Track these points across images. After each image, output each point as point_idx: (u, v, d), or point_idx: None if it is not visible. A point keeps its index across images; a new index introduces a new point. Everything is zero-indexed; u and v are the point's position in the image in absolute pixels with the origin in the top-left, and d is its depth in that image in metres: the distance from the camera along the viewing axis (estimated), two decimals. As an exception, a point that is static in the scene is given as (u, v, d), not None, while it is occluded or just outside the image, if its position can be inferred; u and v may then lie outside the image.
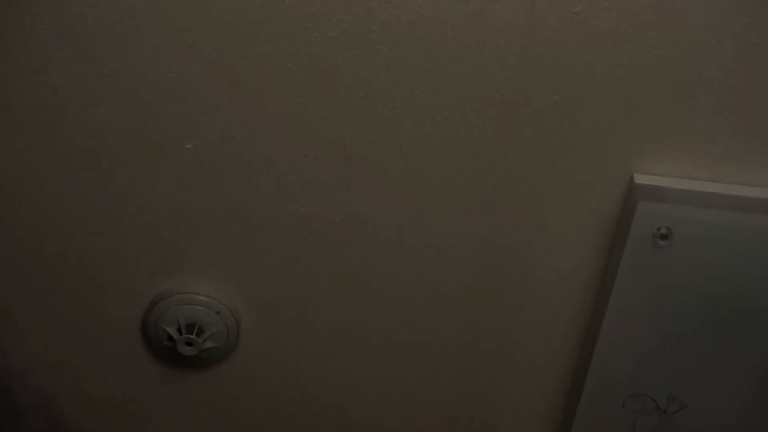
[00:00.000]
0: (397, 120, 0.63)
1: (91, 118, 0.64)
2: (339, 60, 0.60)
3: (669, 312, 0.68)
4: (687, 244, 0.64)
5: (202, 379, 0.81)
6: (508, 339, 0.76)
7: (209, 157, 0.66)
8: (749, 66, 0.58)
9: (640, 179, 0.63)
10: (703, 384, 0.72)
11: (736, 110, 0.60)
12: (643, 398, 0.74)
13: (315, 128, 0.64)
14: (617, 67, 0.59)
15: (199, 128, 0.64)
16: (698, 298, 0.67)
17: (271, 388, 0.82)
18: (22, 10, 0.59)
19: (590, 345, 0.72)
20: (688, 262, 0.65)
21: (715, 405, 0.73)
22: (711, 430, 0.75)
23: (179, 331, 0.74)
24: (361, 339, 0.77)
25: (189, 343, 0.74)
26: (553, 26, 0.57)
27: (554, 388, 0.78)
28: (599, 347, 0.71)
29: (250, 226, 0.70)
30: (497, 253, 0.70)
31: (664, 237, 0.64)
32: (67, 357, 0.80)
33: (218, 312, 0.74)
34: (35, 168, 0.67)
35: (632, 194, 0.63)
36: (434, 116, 0.62)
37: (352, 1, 0.57)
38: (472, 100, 0.61)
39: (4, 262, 0.73)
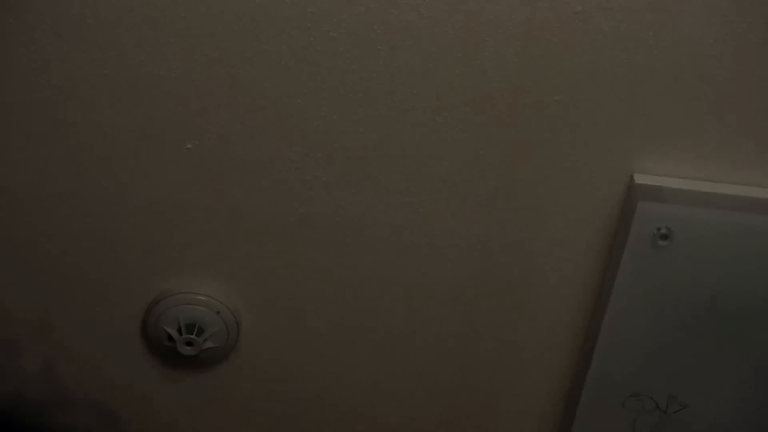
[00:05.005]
0: (397, 120, 0.63)
1: (91, 118, 0.64)
2: (339, 60, 0.60)
3: (669, 312, 0.68)
4: (687, 244, 0.64)
5: (202, 379, 0.81)
6: (508, 339, 0.76)
7: (209, 157, 0.66)
8: (749, 66, 0.58)
9: (640, 179, 0.63)
10: (703, 384, 0.72)
11: (736, 110, 0.60)
12: (643, 398, 0.74)
13: (315, 128, 0.64)
14: (617, 67, 0.59)
15: (199, 128, 0.64)
16: (698, 298, 0.67)
17: (271, 388, 0.82)
18: (22, 10, 0.59)
19: (590, 345, 0.72)
20: (688, 262, 0.65)
21: (715, 405, 0.73)
22: (711, 430, 0.75)
23: (179, 331, 0.74)
24: (361, 339, 0.77)
25: (189, 343, 0.74)
26: (553, 26, 0.57)
27: (554, 388, 0.78)
28: (599, 347, 0.71)
29: (250, 226, 0.70)
30: (497, 253, 0.70)
31: (664, 237, 0.64)
32: (66, 357, 0.80)
33: (218, 312, 0.74)
34: (35, 168, 0.67)
35: (632, 194, 0.63)
36: (434, 116, 0.63)
37: (352, 1, 0.57)
38: (472, 100, 0.61)
39: (4, 262, 0.73)
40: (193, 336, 0.74)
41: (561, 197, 0.66)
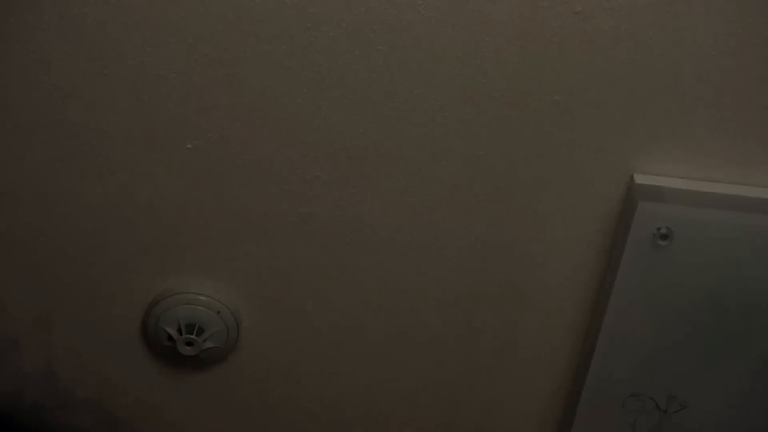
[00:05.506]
0: (397, 120, 0.63)
1: (91, 118, 0.64)
2: (339, 60, 0.60)
3: (669, 312, 0.68)
4: (687, 244, 0.64)
5: (202, 379, 0.81)
6: (508, 339, 0.76)
7: (209, 157, 0.66)
8: (749, 66, 0.58)
9: (640, 179, 0.63)
10: (703, 384, 0.72)
11: (736, 110, 0.60)
12: (643, 398, 0.74)
13: (315, 128, 0.64)
14: (617, 67, 0.59)
15: (199, 128, 0.64)
16: (698, 298, 0.67)
17: (271, 387, 0.82)
18: (23, 10, 0.59)
19: (590, 345, 0.72)
20: (688, 262, 0.65)
21: (715, 405, 0.73)
22: (711, 430, 0.75)
23: (179, 331, 0.74)
24: (361, 339, 0.77)
25: (189, 343, 0.74)
26: (553, 26, 0.57)
27: (554, 388, 0.78)
28: (599, 347, 0.71)
29: (250, 226, 0.70)
30: (497, 253, 0.70)
31: (664, 237, 0.64)
32: (66, 357, 0.80)
33: (218, 312, 0.74)
34: (35, 168, 0.67)
35: (632, 194, 0.63)
36: (434, 116, 0.62)
37: (352, 1, 0.57)
38: (472, 100, 0.61)
39: (4, 262, 0.73)
40: (193, 336, 0.74)
41: (561, 197, 0.66)
